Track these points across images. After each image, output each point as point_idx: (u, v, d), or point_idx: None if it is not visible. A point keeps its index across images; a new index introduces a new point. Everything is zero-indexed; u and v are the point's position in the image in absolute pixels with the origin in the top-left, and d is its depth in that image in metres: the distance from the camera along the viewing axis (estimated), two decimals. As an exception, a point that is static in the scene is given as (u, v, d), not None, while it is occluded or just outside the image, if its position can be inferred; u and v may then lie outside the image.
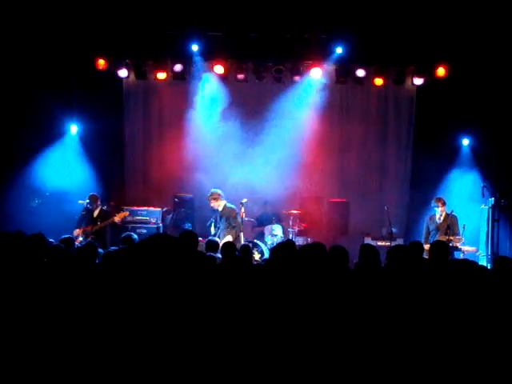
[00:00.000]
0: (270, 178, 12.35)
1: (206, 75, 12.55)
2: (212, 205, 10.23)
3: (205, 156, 12.60)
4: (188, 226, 12.06)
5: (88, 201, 10.59)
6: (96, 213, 10.71)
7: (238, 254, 7.14)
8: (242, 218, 10.68)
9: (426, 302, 3.57)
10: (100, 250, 6.12)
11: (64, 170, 11.87)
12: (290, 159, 12.51)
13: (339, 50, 11.96)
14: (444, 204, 10.40)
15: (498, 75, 11.58)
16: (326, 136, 12.81)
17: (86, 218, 10.51)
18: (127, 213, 10.96)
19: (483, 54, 11.49)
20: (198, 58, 12.27)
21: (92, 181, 12.05)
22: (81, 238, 10.23)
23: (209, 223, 10.38)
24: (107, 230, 10.70)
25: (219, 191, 10.35)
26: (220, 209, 10.26)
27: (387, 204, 11.58)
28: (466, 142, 12.60)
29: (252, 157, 12.45)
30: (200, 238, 7.21)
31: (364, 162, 13.00)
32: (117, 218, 10.61)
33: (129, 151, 13.10)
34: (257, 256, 10.64)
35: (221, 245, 7.56)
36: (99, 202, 10.77)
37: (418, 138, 12.90)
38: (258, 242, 11.28)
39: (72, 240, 7.25)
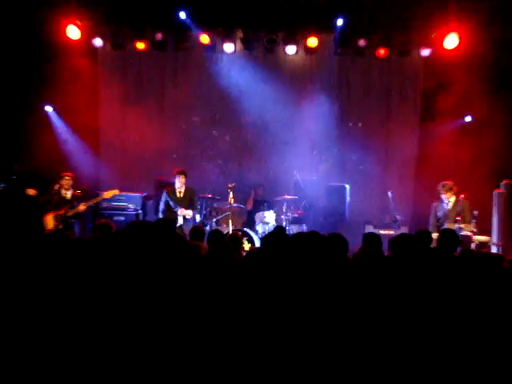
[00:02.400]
0: (262, 159, 12.68)
1: (190, 45, 12.64)
2: (180, 183, 10.27)
3: (190, 135, 12.83)
4: None
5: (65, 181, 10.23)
6: (69, 195, 10.36)
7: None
8: (230, 203, 10.87)
9: (432, 298, 3.62)
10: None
11: (34, 150, 11.82)
12: (283, 139, 12.77)
13: (340, 22, 12.01)
14: (449, 190, 10.24)
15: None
16: (323, 114, 12.80)
17: (56, 200, 10.09)
18: (118, 190, 10.57)
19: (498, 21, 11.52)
20: (181, 26, 12.29)
21: (65, 161, 12.12)
22: (52, 225, 9.98)
23: (162, 208, 10.33)
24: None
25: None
26: (183, 189, 10.36)
27: (391, 189, 11.59)
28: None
29: (242, 136, 12.68)
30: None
31: (365, 142, 13.08)
32: (106, 195, 10.31)
33: (104, 129, 13.09)
34: (246, 246, 10.60)
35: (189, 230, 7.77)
36: (71, 183, 10.37)
37: (424, 116, 12.96)
38: (248, 230, 11.15)
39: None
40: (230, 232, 9.54)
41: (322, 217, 12.17)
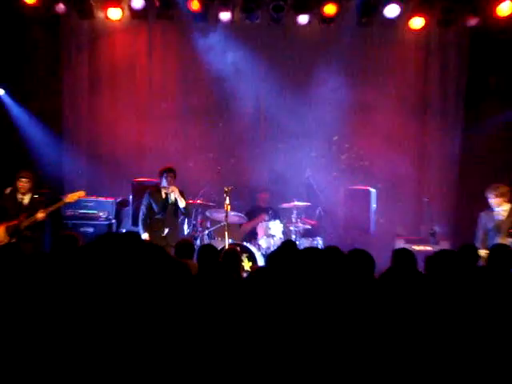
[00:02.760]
0: (265, 156, 12.70)
1: (176, 13, 12.66)
2: (169, 185, 10.37)
3: (175, 126, 13.01)
4: None
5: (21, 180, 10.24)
6: (26, 200, 10.39)
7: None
8: (226, 211, 10.77)
9: (480, 328, 3.73)
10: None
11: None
12: (291, 131, 12.79)
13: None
14: (502, 195, 10.24)
15: None
16: (341, 100, 12.90)
17: (9, 208, 10.16)
18: (83, 192, 10.66)
19: None
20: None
21: (21, 157, 12.23)
22: (4, 238, 9.94)
23: (143, 213, 10.45)
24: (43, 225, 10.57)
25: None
26: (176, 193, 10.46)
27: (427, 194, 11.77)
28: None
29: (239, 127, 12.83)
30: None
31: (395, 137, 13.07)
32: (69, 198, 10.36)
33: (69, 118, 13.17)
34: (246, 264, 10.81)
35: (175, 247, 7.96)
36: (30, 185, 10.37)
37: (470, 104, 12.98)
38: (249, 245, 11.27)
39: None
40: (226, 247, 9.57)
41: (341, 228, 12.36)
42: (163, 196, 10.46)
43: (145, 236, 9.90)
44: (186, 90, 13.05)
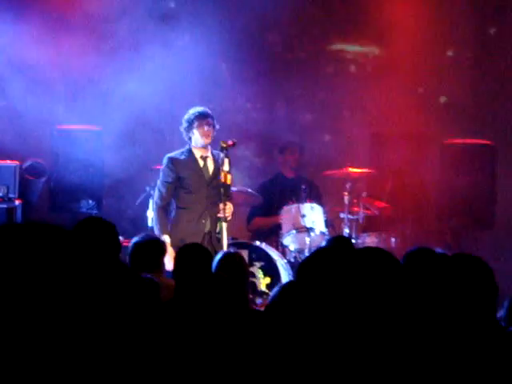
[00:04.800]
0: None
1: None
2: (206, 140, 8.66)
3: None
4: (86, 205, 10.49)
5: None
6: None
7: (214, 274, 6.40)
8: (224, 184, 8.86)
9: None
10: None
11: None
12: None
13: None
14: None
15: None
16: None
17: None
18: None
19: None
20: None
21: None
22: None
23: (161, 197, 8.81)
24: None
25: None
26: (210, 154, 8.86)
27: None
28: None
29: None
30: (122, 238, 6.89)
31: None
32: None
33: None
34: (262, 282, 9.51)
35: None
36: None
37: None
38: (265, 247, 9.68)
39: None
40: (224, 249, 8.21)
41: (435, 218, 10.78)
42: (200, 163, 8.86)
43: (165, 239, 8.25)
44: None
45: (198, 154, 8.83)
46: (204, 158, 8.83)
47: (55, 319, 2.61)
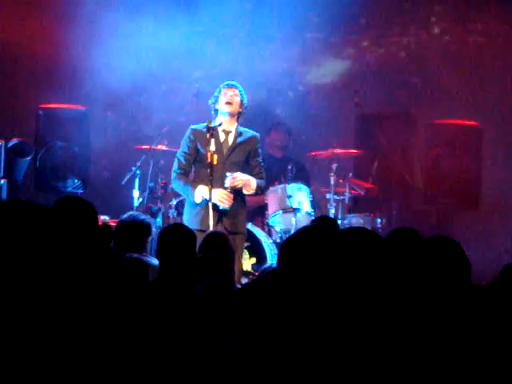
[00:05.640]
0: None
1: None
2: (229, 111, 8.42)
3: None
4: (72, 184, 10.53)
5: None
6: None
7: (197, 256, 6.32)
8: (210, 165, 8.50)
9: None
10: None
11: None
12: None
13: None
14: None
15: None
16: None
17: None
18: None
19: None
20: None
21: None
22: None
23: (180, 166, 8.72)
24: None
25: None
26: (234, 127, 8.64)
27: None
28: None
29: None
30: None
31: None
32: None
33: None
34: (247, 262, 9.65)
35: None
36: None
37: None
38: (251, 227, 9.72)
39: None
40: (211, 229, 8.01)
41: (421, 198, 10.90)
42: (221, 138, 8.59)
43: (201, 192, 8.08)
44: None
45: (221, 127, 8.63)
46: (226, 133, 8.59)
47: (33, 297, 2.64)
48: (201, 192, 8.18)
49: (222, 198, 8.38)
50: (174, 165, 8.58)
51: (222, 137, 8.44)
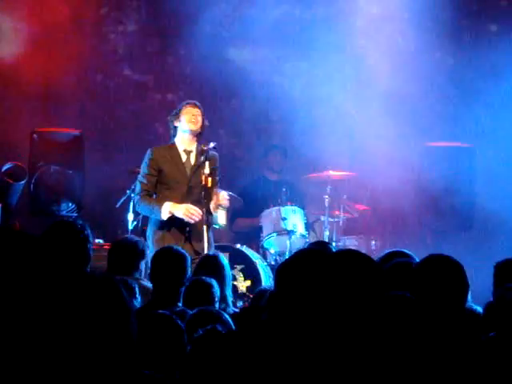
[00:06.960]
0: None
1: None
2: (193, 131, 8.45)
3: None
4: (66, 208, 10.61)
5: None
6: None
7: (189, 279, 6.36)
8: (205, 187, 8.50)
9: None
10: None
11: None
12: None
13: None
14: None
15: None
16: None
17: None
18: None
19: None
20: None
21: None
22: None
23: (142, 188, 8.64)
24: None
25: None
26: (194, 147, 8.67)
27: None
28: None
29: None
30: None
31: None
32: None
33: None
34: (243, 284, 9.77)
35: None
36: None
37: None
38: (246, 249, 9.86)
39: None
40: (205, 252, 8.06)
41: (416, 220, 10.84)
42: (182, 158, 8.65)
43: (167, 208, 8.14)
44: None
45: (181, 147, 8.50)
46: (188, 153, 8.51)
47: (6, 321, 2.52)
48: (168, 208, 8.07)
49: (188, 213, 8.27)
50: (135, 188, 8.58)
51: (183, 157, 8.46)
